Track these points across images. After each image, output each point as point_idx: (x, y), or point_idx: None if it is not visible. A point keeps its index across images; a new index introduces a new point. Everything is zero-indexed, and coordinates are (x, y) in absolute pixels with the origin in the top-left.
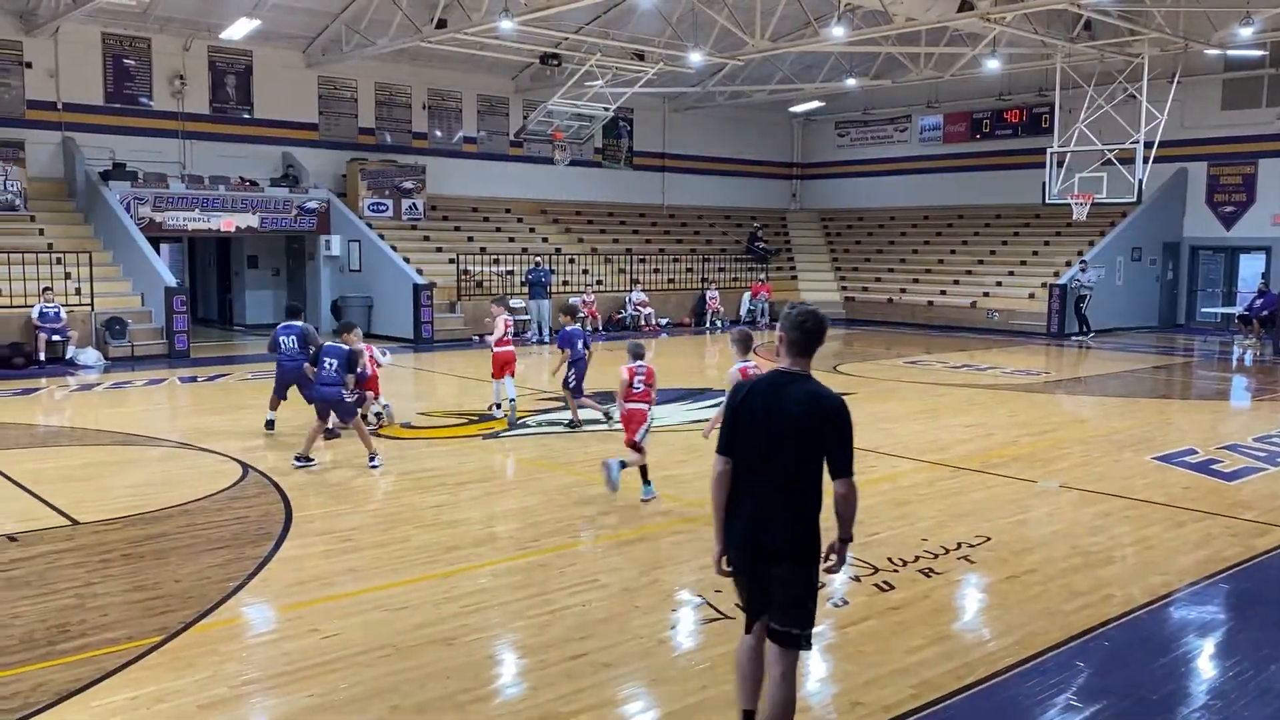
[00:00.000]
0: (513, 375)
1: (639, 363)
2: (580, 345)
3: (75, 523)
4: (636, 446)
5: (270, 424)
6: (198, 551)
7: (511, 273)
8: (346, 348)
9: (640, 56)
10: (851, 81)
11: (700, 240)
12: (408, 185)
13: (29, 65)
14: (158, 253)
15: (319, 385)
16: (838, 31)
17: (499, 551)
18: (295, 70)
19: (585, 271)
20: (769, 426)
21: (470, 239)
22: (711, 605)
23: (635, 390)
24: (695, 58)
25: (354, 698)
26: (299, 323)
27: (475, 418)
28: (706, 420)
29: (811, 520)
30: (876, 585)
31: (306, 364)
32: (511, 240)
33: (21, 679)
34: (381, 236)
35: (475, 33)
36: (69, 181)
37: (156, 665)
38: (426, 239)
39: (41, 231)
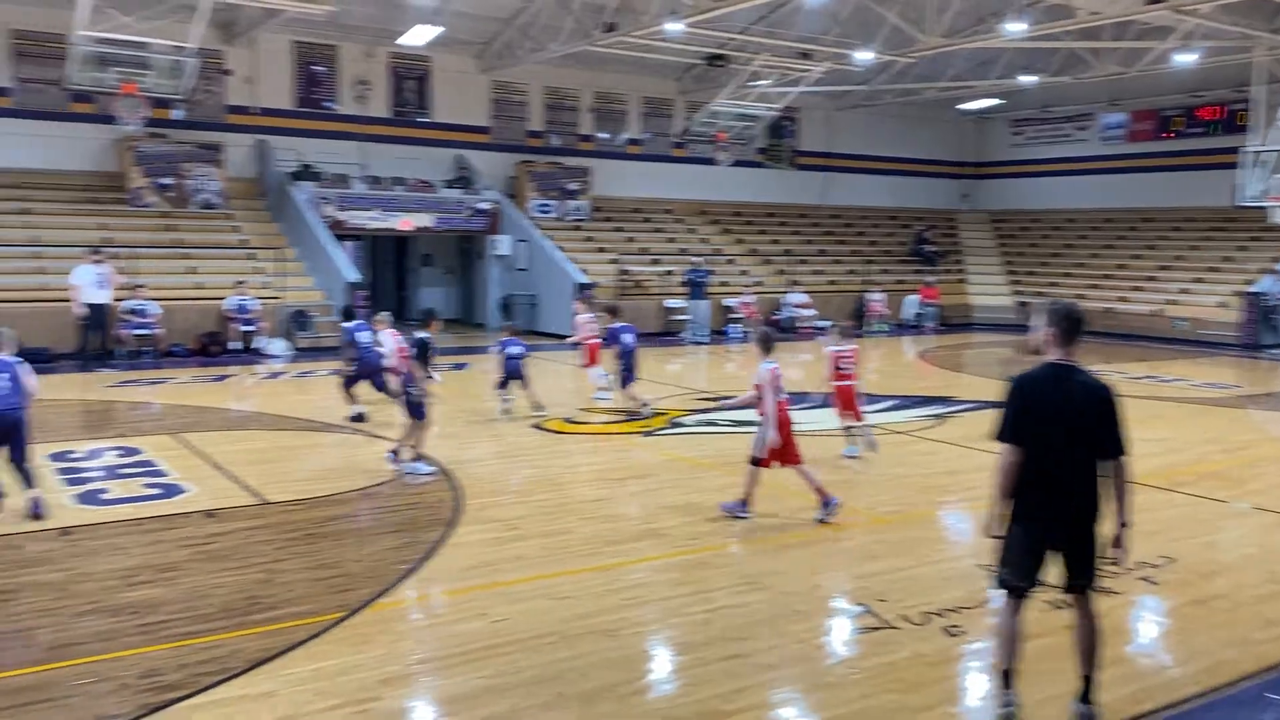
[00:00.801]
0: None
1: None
2: (629, 339)
3: (265, 502)
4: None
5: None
6: (375, 534)
7: (671, 273)
8: (420, 336)
9: (807, 56)
10: (1028, 78)
11: (864, 241)
12: (573, 187)
13: (229, 72)
14: (341, 250)
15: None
16: (1016, 27)
17: (659, 547)
18: (469, 75)
19: (744, 272)
20: (1060, 417)
21: (631, 239)
22: (874, 614)
23: (843, 370)
24: (863, 56)
25: (521, 682)
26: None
27: (633, 415)
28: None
29: (1099, 493)
30: (1049, 603)
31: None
32: (671, 241)
33: (220, 645)
34: (547, 237)
35: (643, 35)
36: (261, 182)
37: (339, 640)
38: (589, 239)
39: (237, 229)
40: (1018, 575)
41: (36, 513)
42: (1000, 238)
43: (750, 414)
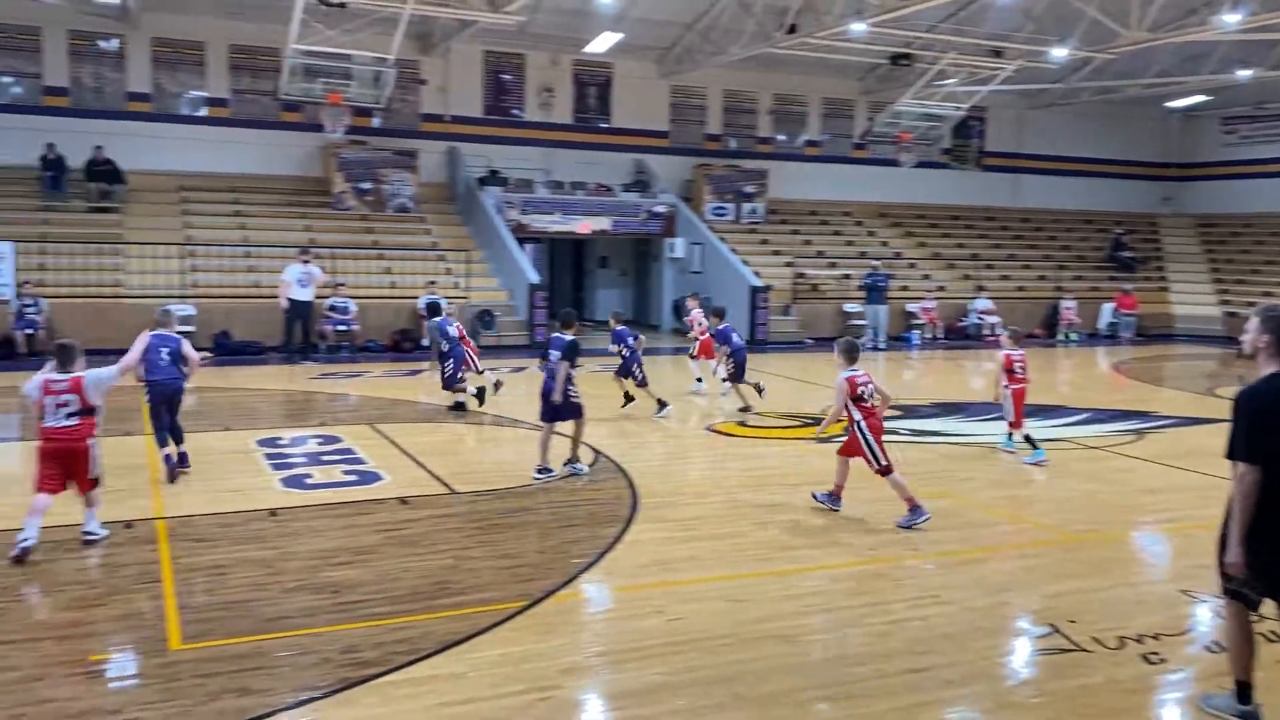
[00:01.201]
0: (711, 358)
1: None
2: (630, 340)
3: (453, 491)
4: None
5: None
6: (556, 527)
7: (848, 277)
8: (568, 338)
9: (998, 53)
10: (1244, 73)
11: (1055, 246)
12: (749, 189)
13: (424, 82)
14: (523, 252)
15: (547, 378)
16: (1230, 19)
17: (835, 556)
18: (649, 80)
19: (926, 277)
20: None
21: (808, 242)
22: (1063, 635)
23: (1018, 374)
24: (1059, 52)
25: (698, 681)
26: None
27: (810, 420)
28: (1058, 439)
29: None
30: (1263, 635)
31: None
32: (850, 244)
33: (411, 626)
34: (722, 240)
35: (825, 36)
36: (452, 186)
37: (522, 628)
38: (765, 242)
39: (428, 231)
40: (1257, 587)
41: (182, 466)
42: (1207, 243)
43: (943, 424)
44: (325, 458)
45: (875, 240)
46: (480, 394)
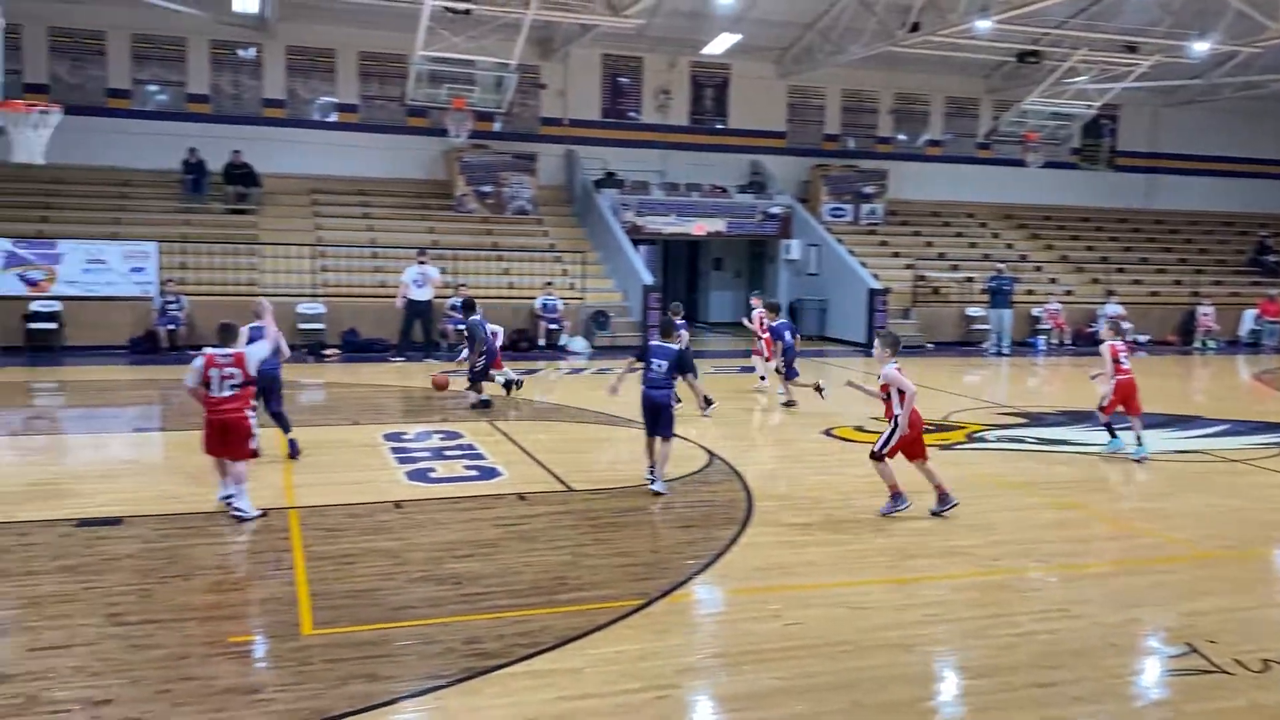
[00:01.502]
0: (768, 359)
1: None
2: (790, 337)
3: (570, 489)
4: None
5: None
6: (671, 527)
7: (971, 280)
8: (676, 348)
9: (1132, 49)
10: None
11: (1192, 249)
12: (868, 190)
13: (544, 86)
14: (637, 254)
15: (648, 388)
16: None
17: (957, 565)
18: (767, 81)
19: (1053, 280)
20: None
21: (929, 244)
22: (1202, 655)
23: (1124, 365)
24: (1200, 47)
25: (816, 686)
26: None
27: (930, 426)
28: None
29: None
30: None
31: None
32: (973, 246)
33: (531, 620)
34: (840, 241)
35: (950, 34)
36: (569, 189)
37: (638, 626)
38: (884, 244)
39: (546, 233)
40: None
41: (293, 453)
42: None
43: (1064, 433)
44: (447, 453)
45: (999, 243)
46: (509, 386)
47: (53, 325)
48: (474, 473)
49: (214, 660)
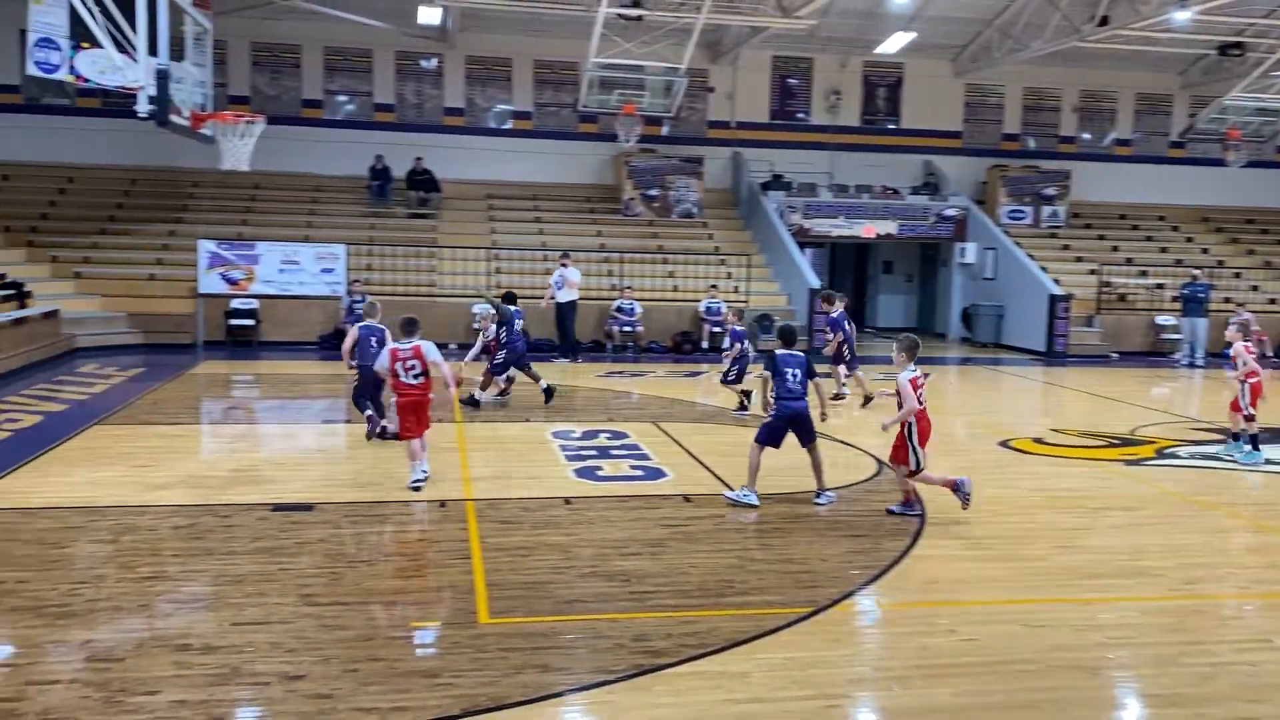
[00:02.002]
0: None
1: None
2: (850, 328)
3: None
4: None
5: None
6: (839, 536)
7: (1161, 286)
8: (804, 355)
9: None
10: None
11: None
12: (1049, 192)
13: (711, 89)
14: (804, 257)
15: (790, 401)
16: None
17: (1147, 588)
18: (943, 79)
19: (1254, 288)
20: None
21: (1115, 249)
22: None
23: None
24: None
25: (993, 705)
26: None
27: (1115, 440)
28: None
29: None
30: None
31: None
32: (1163, 250)
33: (698, 621)
34: (1018, 245)
35: (1141, 28)
36: (735, 191)
37: (807, 634)
38: (1066, 248)
39: (710, 236)
40: None
41: (384, 435)
42: None
43: (1275, 451)
44: (613, 452)
45: (1194, 247)
46: (507, 385)
47: (251, 322)
48: (640, 473)
49: (397, 643)
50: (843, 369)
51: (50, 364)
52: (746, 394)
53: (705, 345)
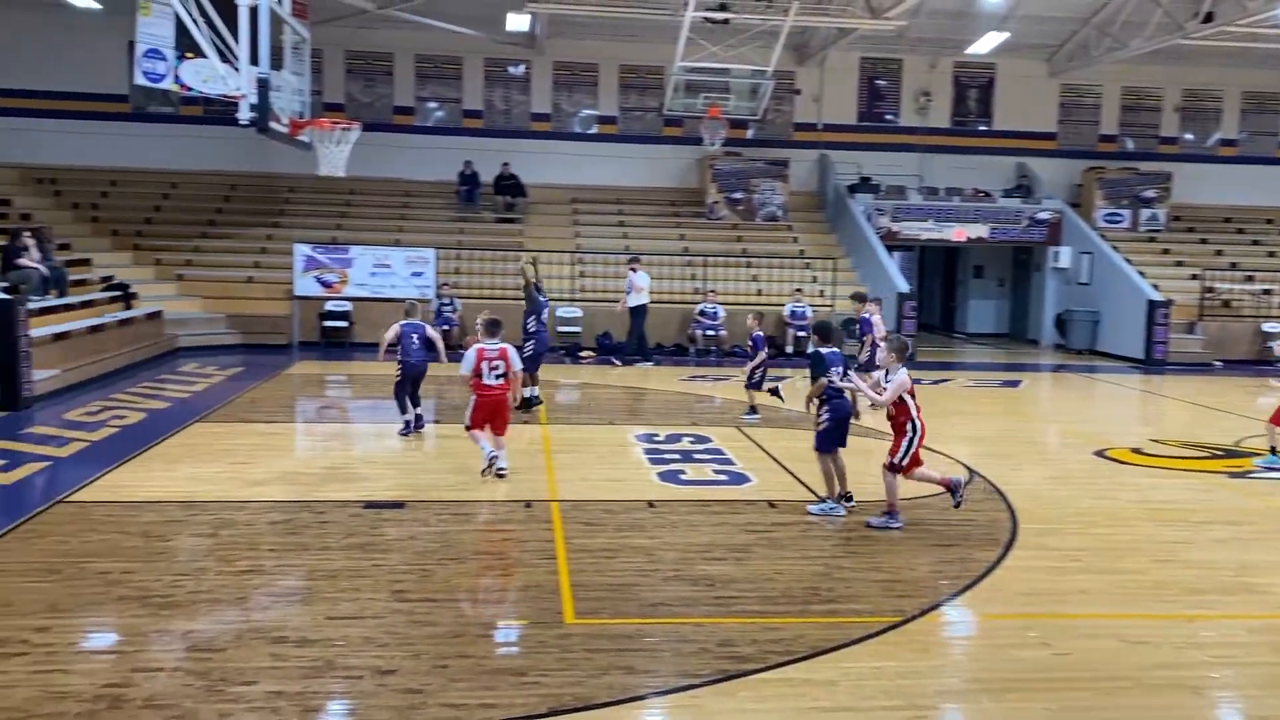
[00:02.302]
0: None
1: None
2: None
3: (820, 499)
4: None
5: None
6: (928, 545)
7: (1269, 292)
8: (840, 351)
9: None
10: None
11: None
12: (1149, 194)
13: (798, 92)
14: (892, 260)
15: (841, 399)
16: None
17: (1254, 605)
18: (1037, 80)
19: None
20: None
21: (1219, 253)
22: None
23: None
24: None
25: None
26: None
27: (1219, 452)
28: None
29: None
30: None
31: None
32: (1271, 255)
33: (784, 627)
34: (1115, 249)
35: (1248, 24)
36: (821, 194)
37: (896, 643)
38: (1166, 252)
39: (795, 239)
40: None
41: (419, 426)
42: None
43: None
44: (697, 456)
45: None
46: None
47: (344, 323)
48: (723, 477)
49: (485, 640)
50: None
51: (154, 363)
52: (773, 392)
53: (790, 350)
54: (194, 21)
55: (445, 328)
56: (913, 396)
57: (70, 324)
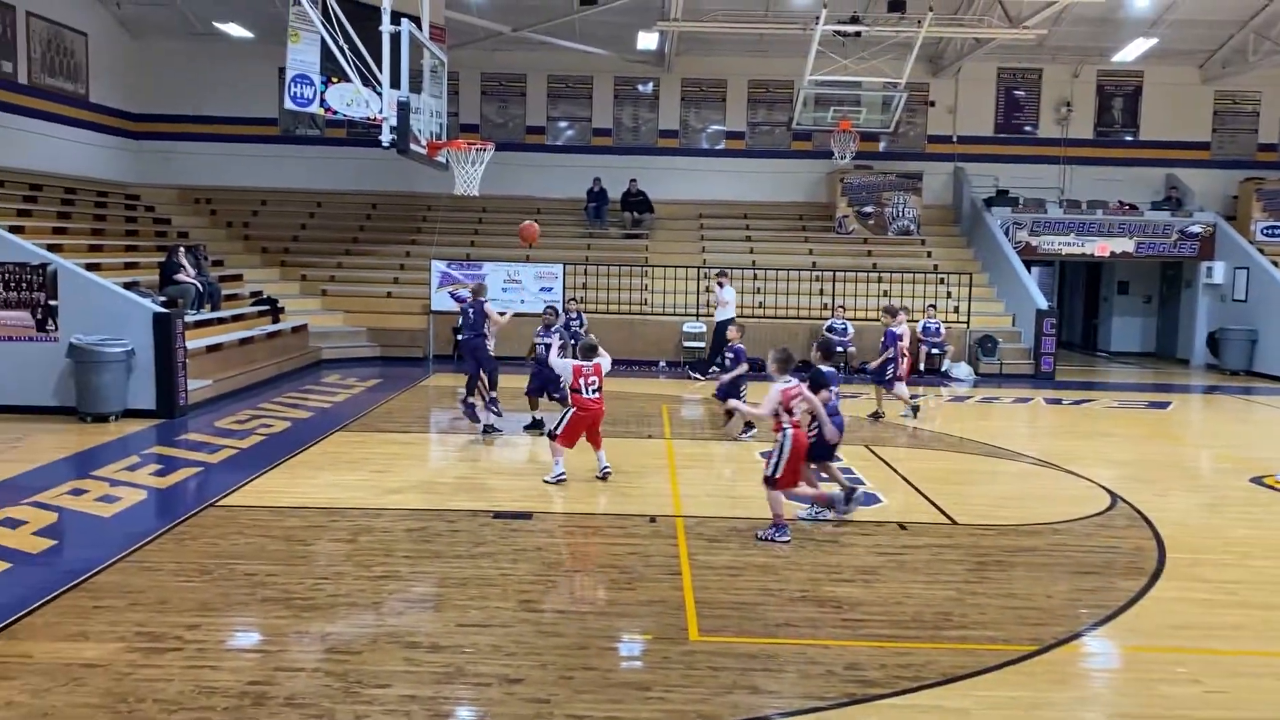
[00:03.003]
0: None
1: None
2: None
3: (953, 522)
4: None
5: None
6: (1066, 572)
7: None
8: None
9: None
10: None
11: None
12: None
13: (932, 103)
14: (1030, 275)
15: (836, 417)
16: None
17: None
18: (1188, 87)
19: None
20: None
21: None
22: None
23: None
24: None
25: None
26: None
27: None
28: None
29: None
30: None
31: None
32: None
33: (913, 653)
34: (1275, 264)
35: None
36: (956, 208)
37: (1031, 673)
38: None
39: (929, 254)
40: None
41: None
42: None
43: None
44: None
45: None
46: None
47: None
48: None
49: (610, 653)
50: (903, 386)
51: (299, 374)
52: (729, 414)
53: (923, 367)
54: (339, 48)
55: (571, 342)
56: (789, 411)
57: (222, 336)
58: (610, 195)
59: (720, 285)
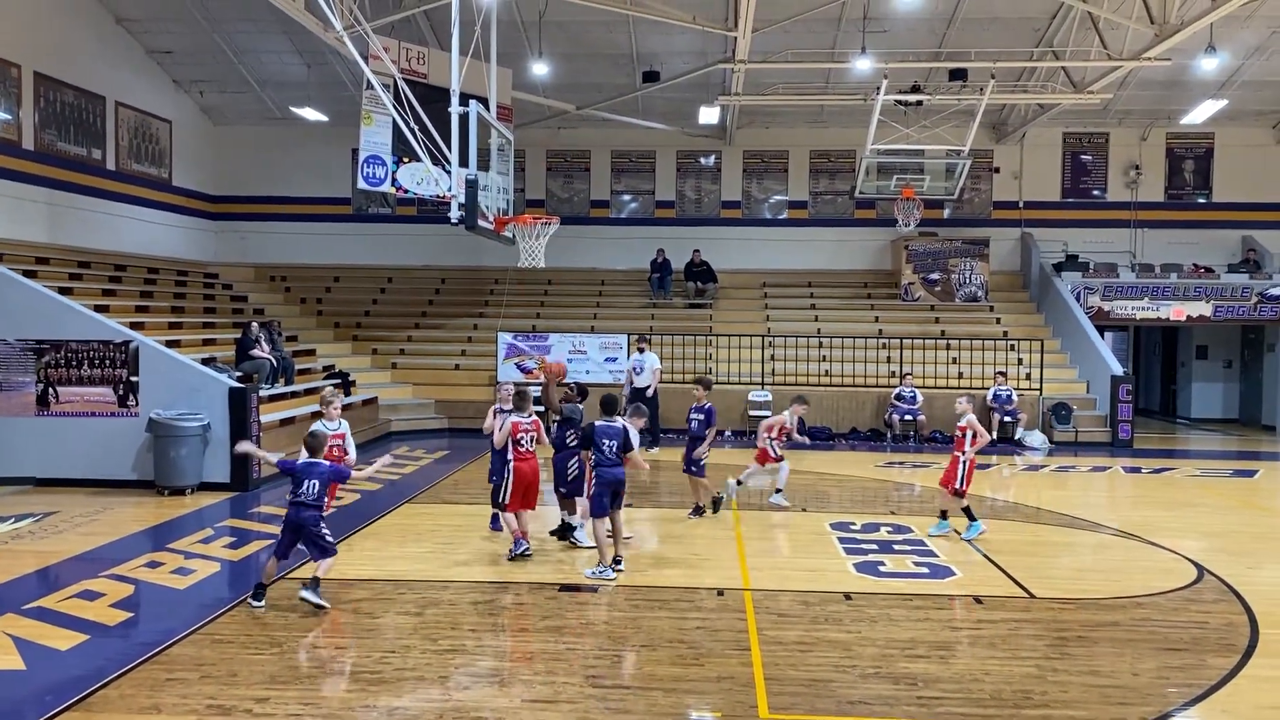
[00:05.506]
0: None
1: None
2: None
3: (1031, 595)
4: None
5: None
6: (1152, 648)
7: None
8: (621, 425)
9: None
10: None
11: None
12: None
13: (997, 170)
14: (1103, 341)
15: (601, 469)
16: None
17: None
18: (1263, 148)
19: None
20: None
21: None
22: None
23: None
24: None
25: None
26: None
27: None
28: None
29: None
30: None
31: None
32: None
33: None
34: None
35: None
36: (1024, 273)
37: None
38: None
39: (998, 320)
40: None
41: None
42: None
43: None
44: (896, 546)
45: None
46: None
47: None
48: (925, 570)
49: None
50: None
51: (369, 446)
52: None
53: (994, 435)
54: (410, 129)
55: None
56: (515, 443)
57: (296, 410)
58: (674, 266)
59: (641, 351)
